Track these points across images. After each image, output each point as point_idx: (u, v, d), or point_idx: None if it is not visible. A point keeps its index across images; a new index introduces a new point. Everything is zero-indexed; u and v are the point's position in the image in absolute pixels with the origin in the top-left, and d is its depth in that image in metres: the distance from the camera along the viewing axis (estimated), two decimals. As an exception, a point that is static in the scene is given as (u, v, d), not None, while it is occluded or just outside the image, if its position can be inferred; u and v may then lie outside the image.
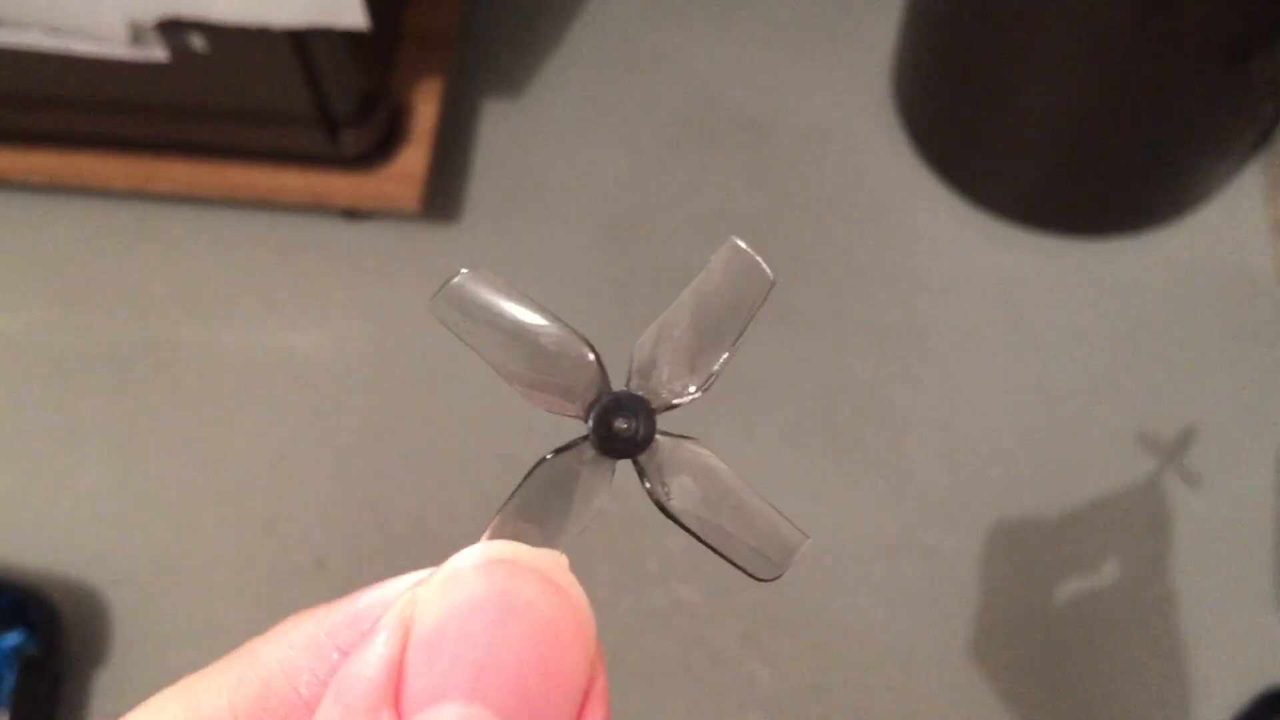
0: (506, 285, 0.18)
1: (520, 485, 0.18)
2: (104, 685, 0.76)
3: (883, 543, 0.80)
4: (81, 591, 0.78)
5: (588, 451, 0.18)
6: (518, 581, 0.15)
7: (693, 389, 0.19)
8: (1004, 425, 0.84)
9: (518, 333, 0.18)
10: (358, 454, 0.83)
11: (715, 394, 0.19)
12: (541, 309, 0.18)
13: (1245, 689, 0.75)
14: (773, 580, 0.18)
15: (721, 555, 0.18)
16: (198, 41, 0.76)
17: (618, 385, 0.18)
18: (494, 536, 0.18)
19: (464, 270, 0.18)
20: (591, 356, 0.18)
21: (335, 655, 0.16)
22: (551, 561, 0.16)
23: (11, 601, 0.73)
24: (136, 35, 0.75)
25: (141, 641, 0.77)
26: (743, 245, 0.19)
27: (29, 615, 0.73)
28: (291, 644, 0.16)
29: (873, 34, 0.97)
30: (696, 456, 0.19)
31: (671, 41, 0.99)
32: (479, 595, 0.15)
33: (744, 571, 0.18)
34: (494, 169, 0.93)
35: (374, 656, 0.15)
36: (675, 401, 0.19)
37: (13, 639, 0.71)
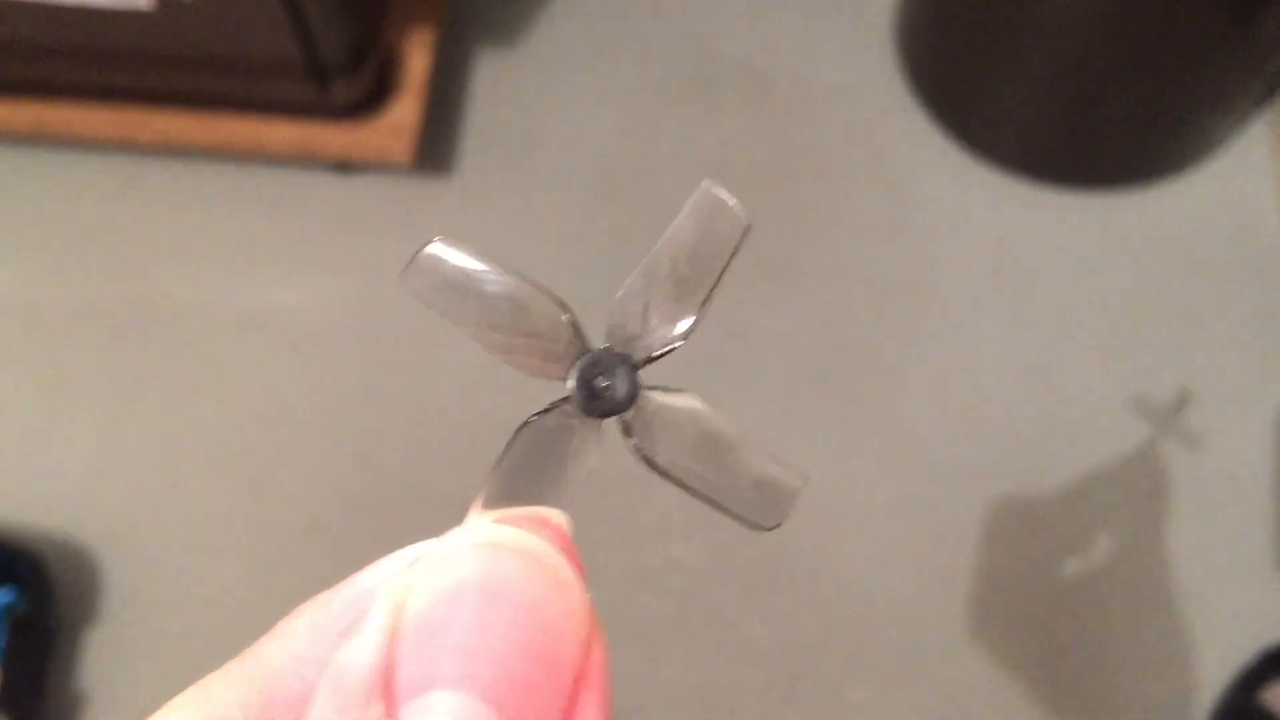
0: (477, 252, 0.18)
1: (505, 451, 0.18)
2: (95, 643, 0.76)
3: (880, 501, 0.79)
4: (72, 550, 0.77)
5: (572, 412, 0.18)
6: (504, 564, 0.15)
7: (672, 339, 0.18)
8: (1004, 382, 0.83)
9: (492, 299, 0.18)
10: (349, 410, 0.82)
11: (710, 351, 0.19)
12: (514, 273, 0.18)
13: (1245, 648, 0.74)
14: (774, 528, 0.18)
15: (718, 507, 0.18)
16: (182, -12, 0.74)
17: (598, 344, 0.18)
18: (485, 504, 0.17)
19: (434, 240, 0.18)
20: (565, 317, 0.18)
21: (336, 639, 0.16)
22: (538, 542, 0.16)
23: (1, 560, 0.72)
24: (119, -18, 0.74)
25: (133, 599, 0.77)
26: (715, 190, 0.19)
27: (19, 573, 0.72)
28: (295, 634, 0.16)
29: (874, -17, 0.96)
30: (684, 408, 0.18)
31: (668, -10, 0.97)
32: (465, 580, 0.15)
33: (743, 522, 0.18)
34: (487, 121, 0.91)
35: (365, 645, 0.15)
36: (655, 354, 0.18)
37: (3, 598, 0.71)
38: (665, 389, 0.18)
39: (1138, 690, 0.75)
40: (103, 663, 0.75)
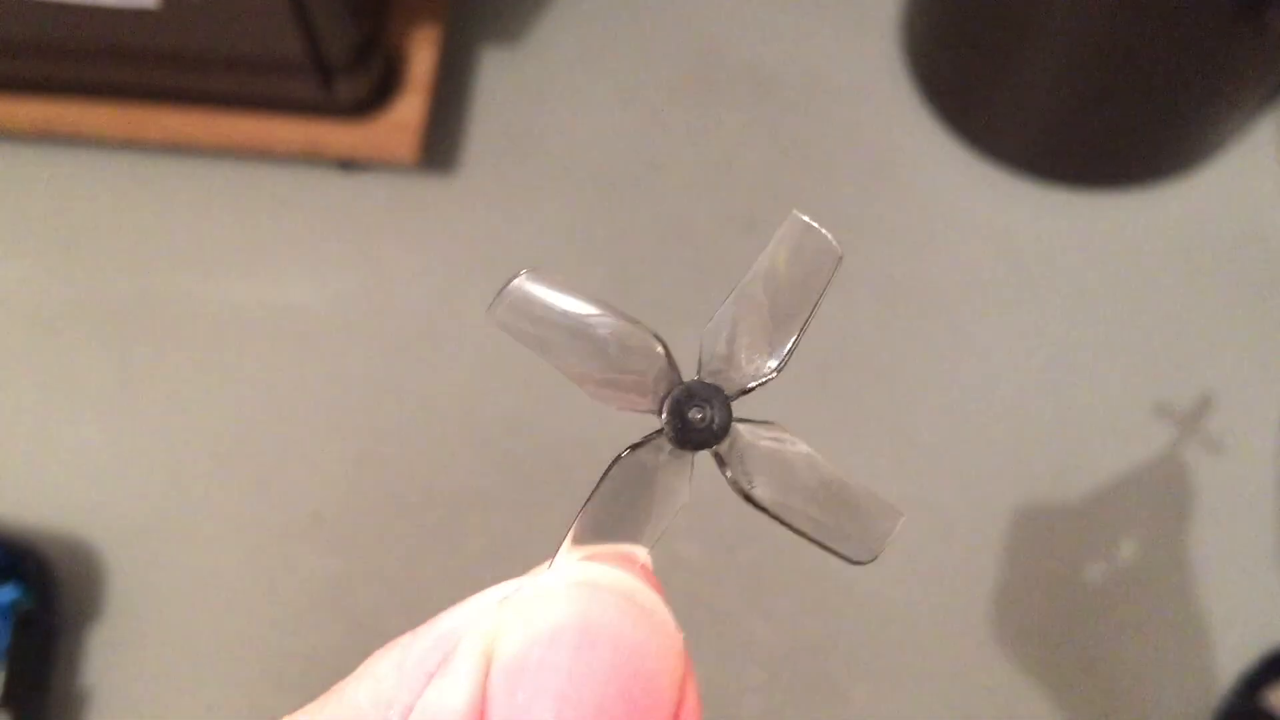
0: (565, 282, 0.18)
1: (598, 485, 0.17)
2: (99, 641, 0.76)
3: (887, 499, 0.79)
4: (76, 547, 0.77)
5: (664, 445, 0.18)
6: (599, 606, 0.15)
7: (767, 371, 0.18)
8: (1012, 384, 0.83)
9: (581, 331, 0.18)
10: (353, 408, 0.82)
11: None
12: (603, 303, 0.18)
13: (1256, 649, 0.74)
14: (869, 562, 0.18)
15: (813, 541, 0.18)
16: (187, -14, 0.74)
17: (689, 374, 0.18)
18: (575, 540, 0.17)
19: (523, 272, 0.18)
20: (660, 349, 0.18)
21: (423, 680, 0.16)
22: (634, 581, 0.16)
23: (5, 557, 0.72)
24: (125, -20, 0.74)
25: (137, 597, 0.77)
26: (806, 219, 0.18)
27: (23, 571, 0.72)
28: (378, 676, 0.16)
29: (880, -18, 0.95)
30: (778, 441, 0.18)
31: (674, -11, 0.97)
32: (560, 621, 0.15)
33: (838, 555, 0.18)
34: (492, 120, 0.91)
35: (457, 686, 0.15)
36: (750, 385, 0.18)
37: (7, 595, 0.71)
38: (755, 421, 0.18)
39: (1149, 694, 0.75)
40: (106, 660, 0.75)
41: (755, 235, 0.86)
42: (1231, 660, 0.75)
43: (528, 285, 0.18)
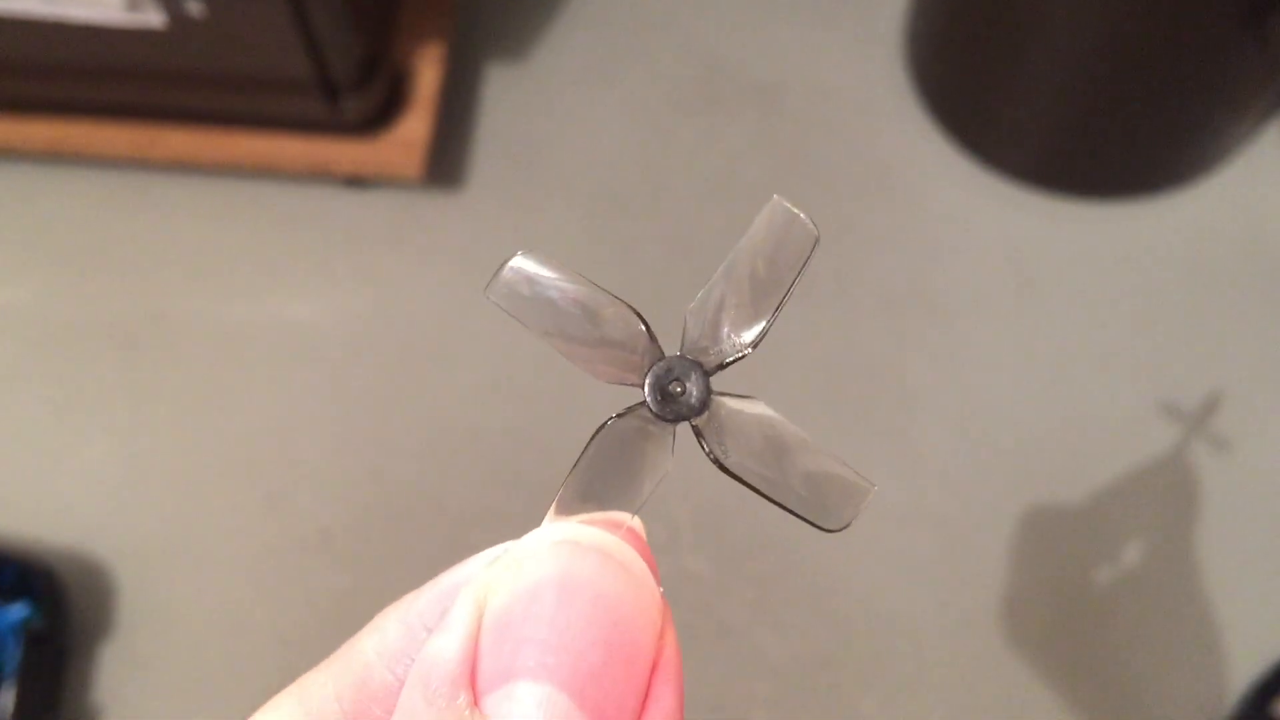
0: (556, 264, 0.19)
1: (582, 453, 0.19)
2: (110, 658, 0.76)
3: (894, 512, 0.79)
4: (86, 564, 0.78)
5: (646, 417, 0.19)
6: (580, 561, 0.16)
7: (743, 346, 0.19)
8: (1016, 393, 0.83)
9: (570, 309, 0.19)
10: (361, 424, 0.82)
11: (732, 366, 0.19)
12: (591, 283, 0.19)
13: (1267, 656, 0.74)
14: (840, 530, 0.19)
15: (786, 509, 0.19)
16: (194, 7, 0.74)
17: (672, 350, 0.19)
18: (560, 506, 0.18)
19: (518, 252, 0.19)
20: (642, 326, 0.19)
21: (424, 634, 0.17)
22: (612, 539, 0.17)
23: (16, 575, 0.73)
24: (133, 1, 0.74)
25: (147, 614, 0.77)
26: (786, 203, 0.20)
27: (34, 589, 0.73)
28: (384, 631, 0.17)
29: (882, -6, 0.96)
30: (754, 413, 0.19)
31: (677, 5, 0.97)
32: (544, 577, 0.16)
33: (810, 523, 0.19)
34: (497, 135, 0.92)
35: (450, 640, 0.16)
36: (727, 360, 0.19)
37: (18, 612, 0.71)
38: (735, 395, 0.19)
39: (1160, 702, 0.75)
40: (117, 677, 0.75)
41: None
42: (1243, 667, 0.74)
43: (523, 264, 0.19)
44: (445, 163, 0.90)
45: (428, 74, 0.87)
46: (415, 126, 0.85)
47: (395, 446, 0.82)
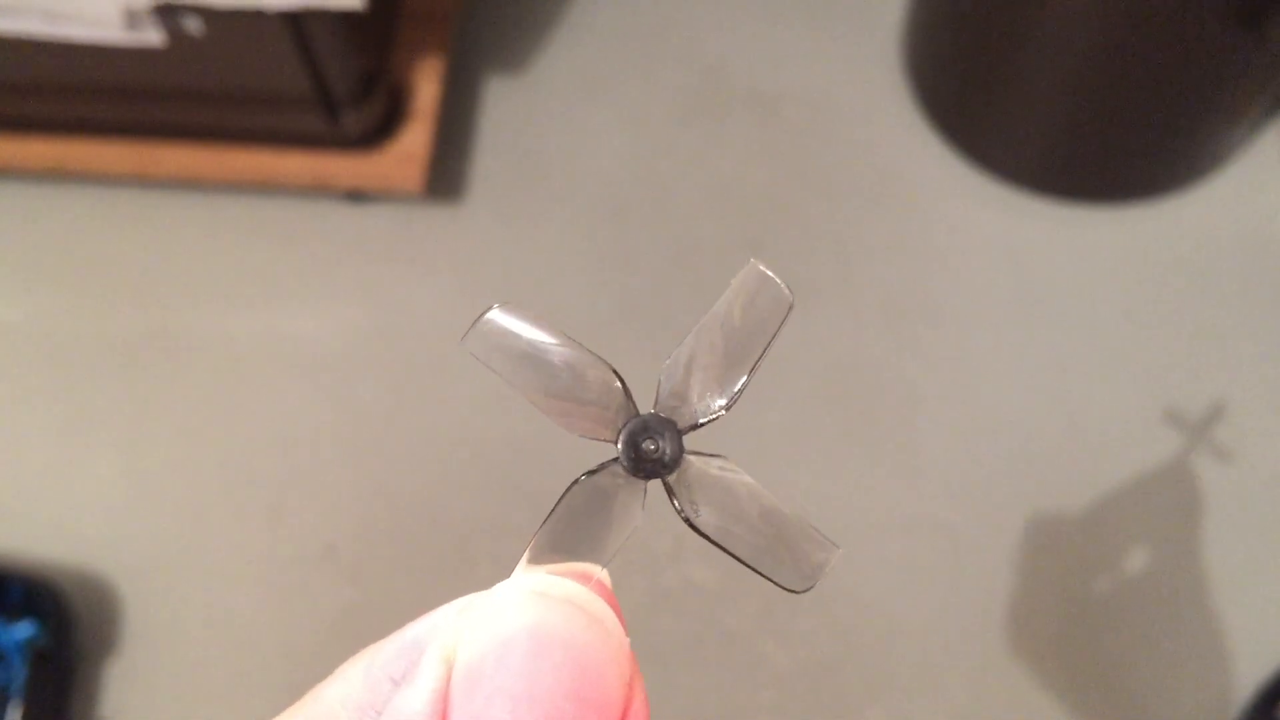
0: (535, 317, 0.19)
1: (554, 508, 0.19)
2: (116, 675, 0.76)
3: (897, 520, 0.79)
4: (91, 582, 0.78)
5: (619, 473, 0.19)
6: (551, 613, 0.16)
7: (717, 408, 0.19)
8: (1019, 399, 0.83)
9: (548, 365, 0.19)
10: (365, 438, 0.83)
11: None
12: (570, 341, 0.19)
13: (1272, 661, 0.74)
14: (804, 591, 0.19)
15: (752, 569, 0.19)
16: (193, 25, 0.75)
17: (645, 408, 0.19)
18: (531, 559, 0.18)
19: (495, 306, 0.19)
20: (618, 383, 0.19)
21: (388, 685, 0.17)
22: (583, 591, 0.17)
23: (21, 593, 0.73)
24: (132, 20, 0.74)
25: (153, 630, 0.77)
26: (762, 268, 0.20)
27: (39, 606, 0.73)
28: (349, 681, 0.17)
29: (882, 1, 0.96)
30: (725, 473, 0.19)
31: (675, 15, 0.98)
32: (515, 628, 0.16)
33: (775, 584, 0.19)
34: (497, 148, 0.92)
35: (418, 693, 0.16)
36: (700, 421, 0.19)
37: (23, 630, 0.71)
38: (707, 454, 0.19)
39: (1165, 708, 0.75)
40: (123, 694, 0.76)
41: (762, 257, 0.86)
42: (1248, 672, 0.74)
43: (499, 318, 0.19)
44: (445, 176, 0.90)
45: (427, 87, 0.87)
46: (415, 140, 0.86)
47: (398, 460, 0.82)
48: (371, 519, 0.80)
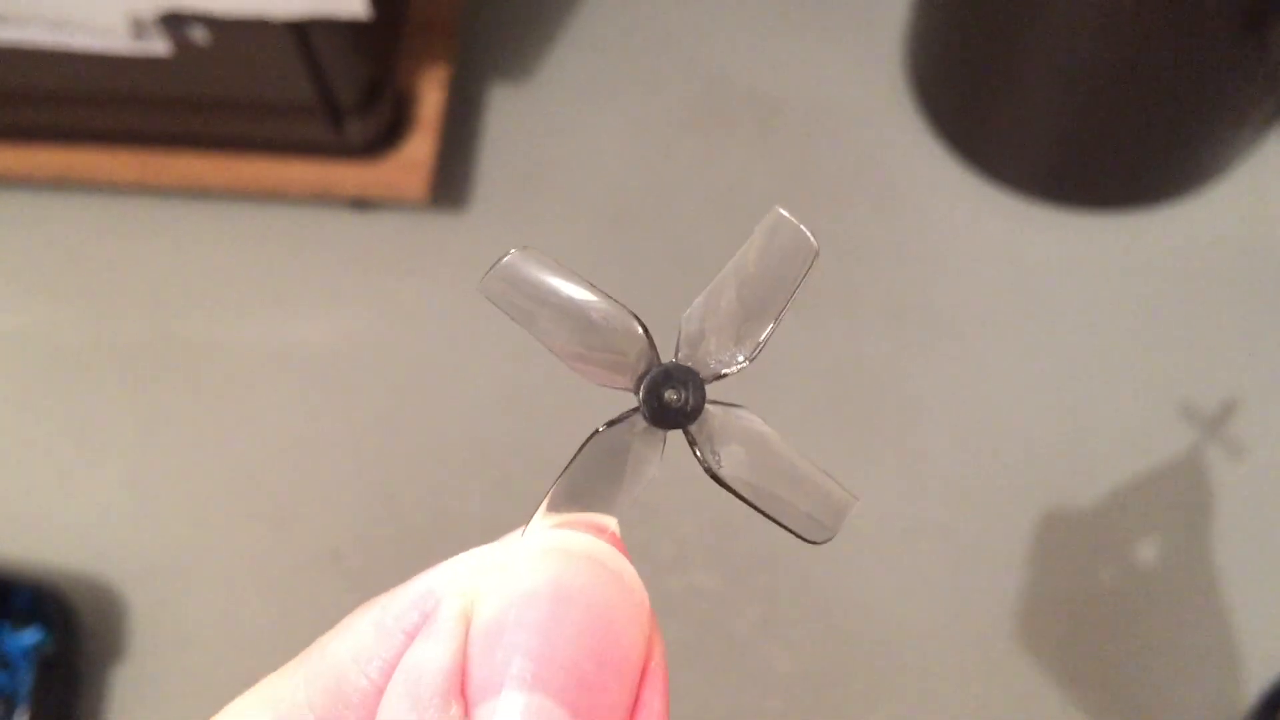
0: (555, 263, 0.19)
1: (573, 458, 0.18)
2: (123, 681, 0.76)
3: (901, 525, 0.79)
4: (97, 588, 0.78)
5: (639, 423, 0.19)
6: (571, 569, 0.16)
7: (740, 359, 0.19)
8: (1022, 404, 0.83)
9: (567, 309, 0.18)
10: (370, 445, 0.83)
11: (726, 379, 0.19)
12: (589, 285, 0.19)
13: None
14: (824, 542, 0.19)
15: (773, 520, 0.19)
16: (199, 34, 0.75)
17: (666, 357, 0.19)
18: (549, 508, 0.18)
19: (514, 249, 0.18)
20: (640, 330, 0.19)
21: (401, 637, 0.17)
22: (605, 547, 0.17)
23: (28, 600, 0.73)
24: (138, 29, 0.75)
25: (159, 637, 0.77)
26: (786, 214, 0.19)
27: (45, 612, 0.73)
28: (358, 633, 0.17)
29: (884, 7, 0.96)
30: (746, 424, 0.19)
31: (679, 22, 0.98)
32: (535, 585, 0.16)
33: (796, 535, 0.19)
34: (502, 156, 0.92)
35: (439, 648, 0.16)
36: (723, 371, 0.19)
37: (30, 637, 0.71)
38: (727, 404, 0.19)
39: (1173, 710, 0.75)
40: (129, 700, 0.76)
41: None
42: (1258, 673, 0.74)
43: (520, 261, 0.18)
44: (450, 183, 0.91)
45: (432, 96, 0.88)
46: (420, 148, 0.86)
47: (404, 465, 0.82)
48: (376, 525, 0.80)
